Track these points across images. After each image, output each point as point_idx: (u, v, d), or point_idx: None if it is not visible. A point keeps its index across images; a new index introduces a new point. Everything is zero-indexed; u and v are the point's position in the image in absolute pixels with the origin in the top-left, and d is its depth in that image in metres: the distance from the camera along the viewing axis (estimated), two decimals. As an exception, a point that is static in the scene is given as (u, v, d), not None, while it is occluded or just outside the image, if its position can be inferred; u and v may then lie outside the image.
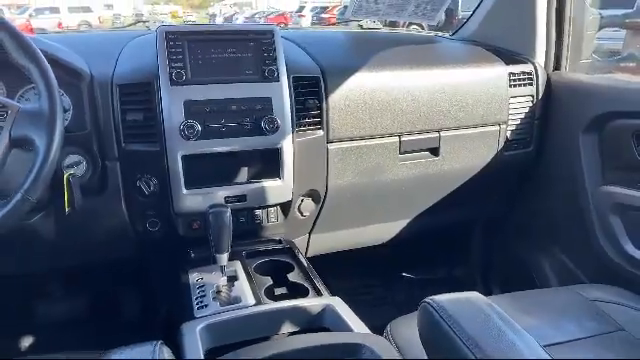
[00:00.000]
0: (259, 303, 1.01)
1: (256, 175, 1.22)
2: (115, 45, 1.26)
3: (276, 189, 1.23)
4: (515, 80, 1.47)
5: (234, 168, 1.20)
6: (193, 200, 1.16)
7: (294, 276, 1.14)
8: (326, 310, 0.99)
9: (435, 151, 1.42)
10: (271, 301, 1.03)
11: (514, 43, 1.59)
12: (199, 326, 0.91)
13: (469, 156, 1.46)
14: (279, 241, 1.29)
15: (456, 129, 1.42)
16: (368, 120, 1.31)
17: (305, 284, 1.10)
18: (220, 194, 1.18)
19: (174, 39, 1.13)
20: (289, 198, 1.26)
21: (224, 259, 1.07)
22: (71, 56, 1.11)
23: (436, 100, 1.37)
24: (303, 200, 1.33)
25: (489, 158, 1.49)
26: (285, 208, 1.30)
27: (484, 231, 1.86)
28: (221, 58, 1.16)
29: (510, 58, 1.52)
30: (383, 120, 1.32)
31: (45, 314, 1.58)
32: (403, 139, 1.36)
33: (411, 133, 1.37)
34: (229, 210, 1.07)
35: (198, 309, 0.99)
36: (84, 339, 0.92)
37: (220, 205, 1.10)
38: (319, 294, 1.06)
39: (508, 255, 1.77)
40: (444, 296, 0.79)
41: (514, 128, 1.50)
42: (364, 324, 0.93)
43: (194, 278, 1.11)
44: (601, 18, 1.60)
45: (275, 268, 1.17)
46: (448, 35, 1.88)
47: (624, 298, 1.11)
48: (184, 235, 1.22)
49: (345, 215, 1.47)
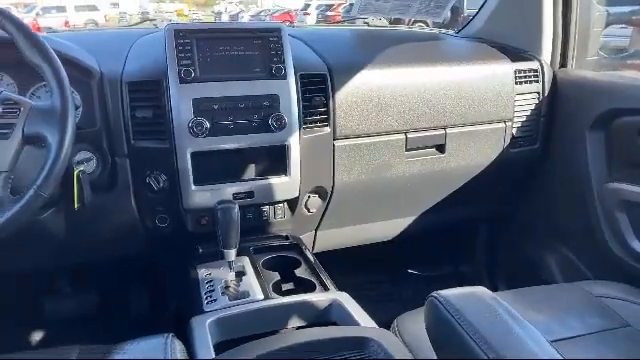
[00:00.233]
0: (267, 298, 1.02)
1: (263, 172, 1.23)
2: (124, 43, 1.27)
3: (283, 186, 1.24)
4: (521, 77, 1.48)
5: (242, 165, 1.21)
6: (202, 196, 1.17)
7: (301, 271, 1.15)
8: (333, 305, 1.00)
9: (441, 148, 1.42)
10: (279, 296, 1.04)
11: (520, 40, 1.59)
12: (208, 320, 0.93)
13: (475, 153, 1.46)
14: (286, 237, 1.30)
15: (462, 126, 1.43)
16: (374, 117, 1.32)
17: (312, 279, 1.11)
18: (228, 190, 1.19)
19: (183, 37, 1.14)
20: (296, 195, 1.27)
21: (232, 254, 1.08)
22: (82, 54, 1.12)
23: (442, 97, 1.38)
24: (310, 197, 1.34)
25: (495, 155, 1.49)
26: (292, 204, 1.31)
27: (490, 228, 1.86)
28: (229, 56, 1.17)
29: (516, 55, 1.52)
30: (389, 117, 1.33)
31: (55, 310, 1.59)
32: (409, 136, 1.37)
33: (417, 130, 1.37)
34: (237, 206, 1.08)
35: (207, 303, 1.01)
36: (94, 335, 0.93)
37: (228, 201, 1.11)
38: (326, 289, 1.07)
39: (514, 252, 1.78)
40: (451, 291, 0.79)
41: (520, 125, 1.50)
42: (371, 319, 0.94)
43: (203, 273, 1.12)
44: (608, 15, 1.61)
45: (282, 264, 1.18)
46: (454, 33, 1.88)
47: (629, 294, 1.11)
48: (193, 231, 1.23)
49: (351, 212, 1.48)
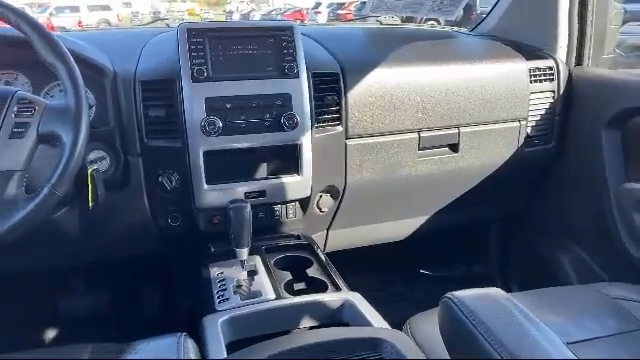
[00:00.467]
0: (279, 297, 1.02)
1: (275, 171, 1.23)
2: (137, 42, 1.27)
3: (295, 185, 1.23)
4: (536, 76, 1.46)
5: (254, 164, 1.21)
6: (214, 195, 1.17)
7: (313, 271, 1.14)
8: (345, 305, 0.99)
9: (454, 147, 1.41)
10: (291, 296, 1.04)
11: (535, 38, 1.57)
12: (221, 319, 0.93)
13: (489, 152, 1.45)
14: (298, 236, 1.29)
15: (476, 125, 1.41)
16: (387, 116, 1.31)
17: (324, 279, 1.11)
18: (240, 190, 1.19)
19: (195, 36, 1.14)
20: (308, 194, 1.27)
21: (244, 254, 1.08)
22: (95, 53, 1.13)
23: (456, 96, 1.36)
24: (322, 196, 1.34)
25: (509, 154, 1.48)
26: (304, 204, 1.30)
27: (503, 228, 1.84)
28: (241, 55, 1.17)
29: (531, 53, 1.50)
30: (402, 116, 1.32)
31: (68, 309, 1.61)
32: (422, 135, 1.36)
33: (430, 129, 1.36)
34: (249, 205, 1.08)
35: (219, 303, 1.01)
36: (106, 333, 0.93)
37: (240, 200, 1.11)
38: (338, 289, 1.06)
39: (527, 252, 1.76)
40: (465, 292, 0.79)
41: (534, 124, 1.48)
42: (384, 320, 0.93)
43: (215, 272, 1.12)
44: (625, 12, 1.58)
45: (294, 263, 1.18)
46: (467, 31, 1.86)
47: (646, 296, 1.09)
48: (205, 230, 1.23)
49: (363, 211, 1.47)
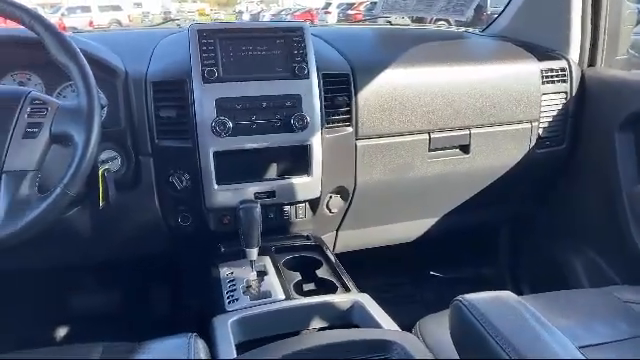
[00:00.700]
0: (289, 298, 1.02)
1: (285, 172, 1.23)
2: (148, 43, 1.28)
3: (305, 186, 1.23)
4: (548, 77, 1.44)
5: (264, 164, 1.21)
6: (224, 196, 1.18)
7: (322, 272, 1.14)
8: (355, 306, 0.99)
9: (465, 148, 1.40)
10: (300, 296, 1.04)
11: (547, 39, 1.55)
12: (230, 319, 0.93)
13: (500, 154, 1.44)
14: (307, 237, 1.29)
15: (487, 126, 1.40)
16: (397, 117, 1.30)
17: (333, 280, 1.10)
18: (250, 190, 1.20)
19: (206, 37, 1.15)
20: (318, 195, 1.27)
21: (254, 254, 1.08)
22: (107, 54, 1.14)
23: (467, 97, 1.35)
24: (331, 197, 1.34)
25: (520, 156, 1.47)
26: (313, 205, 1.30)
27: (514, 230, 1.83)
28: (252, 56, 1.18)
29: (543, 54, 1.49)
30: (413, 117, 1.32)
31: (78, 307, 1.62)
32: (433, 136, 1.35)
33: (441, 130, 1.36)
34: (259, 206, 1.08)
35: (229, 303, 1.01)
36: (116, 332, 0.94)
37: (250, 201, 1.11)
38: (347, 290, 1.06)
39: (539, 255, 1.74)
40: (476, 295, 0.78)
41: (546, 126, 1.47)
42: (393, 322, 0.93)
43: (224, 272, 1.12)
44: (638, 12, 1.56)
45: (303, 264, 1.18)
46: (478, 31, 1.85)
47: (660, 300, 1.08)
48: (215, 230, 1.23)
49: (373, 212, 1.46)
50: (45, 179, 0.89)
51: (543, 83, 1.44)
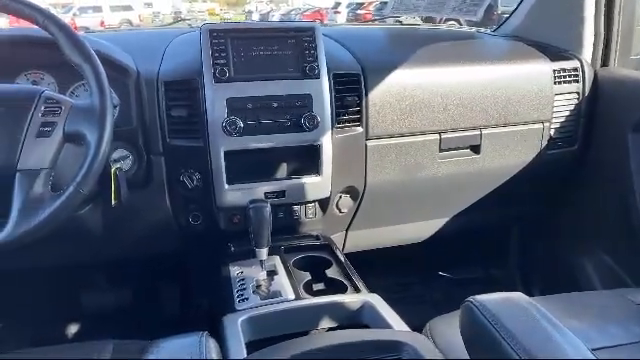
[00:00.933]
0: (298, 298, 1.02)
1: (295, 171, 1.23)
2: (160, 43, 1.29)
3: (315, 185, 1.24)
4: (560, 77, 1.43)
5: (274, 164, 1.22)
6: (234, 195, 1.18)
7: (332, 272, 1.14)
8: (365, 307, 0.99)
9: (476, 149, 1.40)
10: (310, 296, 1.04)
11: (559, 39, 1.54)
12: (241, 318, 0.93)
13: (511, 154, 1.43)
14: (317, 237, 1.29)
15: (498, 127, 1.39)
16: (408, 117, 1.30)
17: (343, 280, 1.10)
18: (260, 189, 1.20)
19: (218, 37, 1.15)
20: (327, 194, 1.27)
21: (264, 253, 1.09)
22: (119, 54, 1.14)
23: (478, 97, 1.35)
24: (341, 197, 1.34)
25: (532, 157, 1.46)
26: (323, 204, 1.30)
27: (525, 231, 1.82)
28: (263, 55, 1.18)
29: (555, 54, 1.48)
30: (423, 117, 1.31)
31: (89, 306, 1.63)
32: (443, 136, 1.35)
33: (452, 130, 1.35)
34: (269, 205, 1.08)
35: (239, 302, 1.01)
36: (127, 330, 0.94)
37: (260, 200, 1.11)
38: (357, 291, 1.06)
39: (549, 256, 1.73)
40: (487, 296, 0.78)
41: (558, 126, 1.46)
42: (403, 322, 0.93)
43: (234, 271, 1.13)
44: (653, 12, 1.54)
45: (313, 264, 1.18)
46: (489, 31, 1.84)
47: (673, 303, 1.07)
48: (225, 229, 1.24)
49: (383, 212, 1.46)
50: (58, 178, 0.90)
51: (555, 83, 1.42)
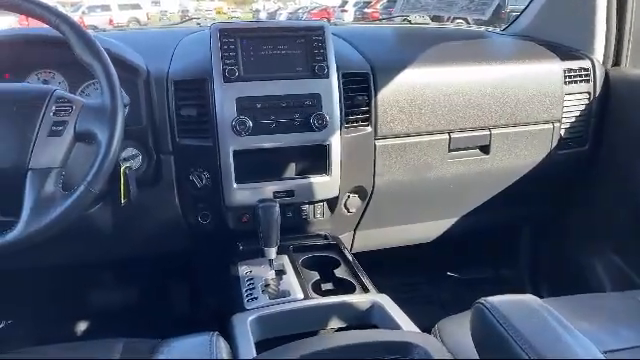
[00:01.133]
0: (307, 298, 1.02)
1: (304, 171, 1.23)
2: (170, 42, 1.29)
3: (323, 185, 1.23)
4: (571, 77, 1.42)
5: (283, 163, 1.22)
6: (243, 194, 1.18)
7: (341, 272, 1.14)
8: (374, 307, 0.99)
9: (485, 149, 1.39)
10: (319, 296, 1.04)
11: (570, 38, 1.53)
12: (250, 317, 0.93)
13: (521, 154, 1.42)
14: (325, 237, 1.29)
15: (508, 127, 1.38)
16: (417, 117, 1.29)
17: (352, 280, 1.10)
18: (269, 189, 1.20)
19: (227, 36, 1.15)
20: (336, 194, 1.27)
21: (272, 253, 1.09)
22: (130, 53, 1.15)
23: (487, 97, 1.34)
24: (349, 196, 1.33)
25: (541, 157, 1.45)
26: (332, 204, 1.30)
27: (534, 231, 1.81)
28: (272, 55, 1.18)
29: (565, 54, 1.46)
30: (433, 117, 1.31)
31: (98, 304, 1.64)
32: (453, 136, 1.34)
33: (461, 130, 1.34)
34: (278, 205, 1.08)
35: (248, 301, 1.01)
36: (136, 329, 0.95)
37: (269, 200, 1.11)
38: (366, 291, 1.06)
39: (559, 256, 1.72)
40: (498, 297, 0.77)
41: (569, 126, 1.45)
42: (413, 323, 0.92)
43: (243, 271, 1.13)
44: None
45: (321, 263, 1.18)
46: (499, 30, 1.83)
47: (685, 305, 1.06)
48: (234, 228, 1.24)
49: (391, 212, 1.46)
50: (69, 177, 0.90)
51: (566, 83, 1.41)
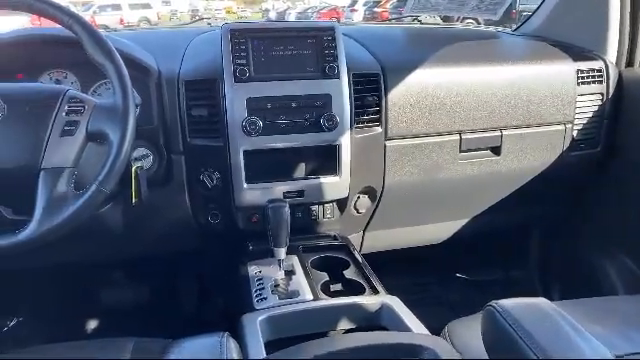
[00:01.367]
0: (316, 298, 1.02)
1: (314, 171, 1.23)
2: (181, 42, 1.29)
3: (333, 185, 1.23)
4: (583, 77, 1.41)
5: (293, 164, 1.22)
6: (253, 194, 1.18)
7: (350, 273, 1.14)
8: (383, 308, 0.99)
9: (496, 150, 1.38)
10: (328, 297, 1.04)
11: (583, 39, 1.51)
12: (260, 318, 0.93)
13: (532, 156, 1.41)
14: (334, 237, 1.29)
15: (519, 128, 1.38)
16: (428, 117, 1.29)
17: (361, 281, 1.10)
18: (279, 189, 1.20)
19: (238, 37, 1.15)
20: (345, 195, 1.26)
21: (282, 253, 1.09)
22: (141, 53, 1.15)
23: (499, 97, 1.33)
24: (359, 197, 1.33)
25: (553, 158, 1.43)
26: (341, 204, 1.30)
27: (545, 233, 1.79)
28: (283, 55, 1.18)
29: (578, 54, 1.45)
30: (443, 117, 1.30)
31: (108, 303, 1.65)
32: (464, 137, 1.33)
33: (473, 131, 1.34)
34: (287, 205, 1.08)
35: (257, 301, 1.01)
36: (146, 328, 0.95)
37: (279, 200, 1.11)
38: (375, 292, 1.05)
39: (570, 259, 1.70)
40: (509, 300, 0.77)
41: (581, 128, 1.43)
42: (422, 325, 0.92)
43: (253, 271, 1.13)
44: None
45: (331, 264, 1.18)
46: (510, 30, 1.82)
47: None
48: (243, 228, 1.24)
49: (401, 213, 1.45)
50: (81, 176, 0.91)
51: (578, 84, 1.40)
